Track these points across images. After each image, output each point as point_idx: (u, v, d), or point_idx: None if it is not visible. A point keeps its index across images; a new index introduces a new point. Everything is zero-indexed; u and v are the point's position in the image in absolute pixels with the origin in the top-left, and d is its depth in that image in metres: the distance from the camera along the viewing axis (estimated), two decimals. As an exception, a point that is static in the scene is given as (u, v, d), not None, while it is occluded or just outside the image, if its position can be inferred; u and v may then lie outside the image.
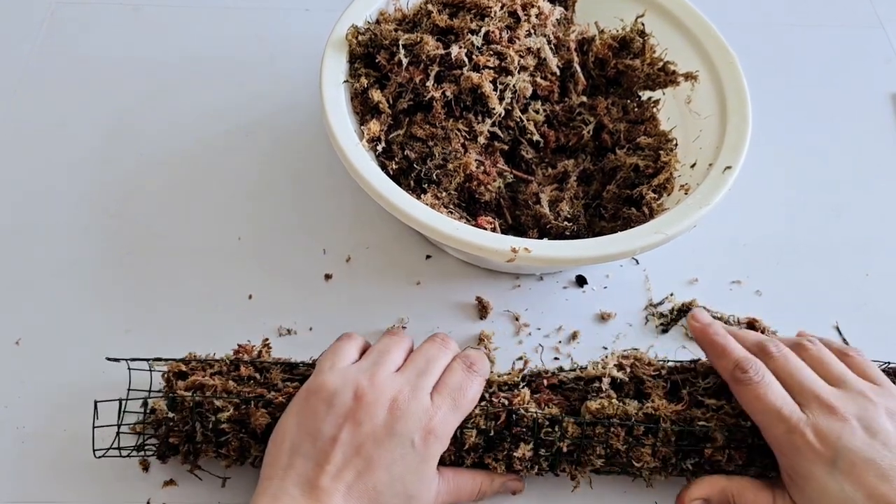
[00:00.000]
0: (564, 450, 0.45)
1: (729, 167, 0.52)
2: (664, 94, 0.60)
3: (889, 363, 0.50)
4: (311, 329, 0.54)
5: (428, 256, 0.58)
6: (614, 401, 0.46)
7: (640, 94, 0.60)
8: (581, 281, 0.58)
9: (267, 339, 0.50)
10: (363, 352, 0.47)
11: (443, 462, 0.44)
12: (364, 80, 0.54)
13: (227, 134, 0.64)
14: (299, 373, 0.48)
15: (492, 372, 0.48)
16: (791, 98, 0.70)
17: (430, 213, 0.49)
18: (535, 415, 0.45)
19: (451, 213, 0.53)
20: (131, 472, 0.48)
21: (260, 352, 0.49)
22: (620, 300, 0.57)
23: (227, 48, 0.70)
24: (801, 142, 0.67)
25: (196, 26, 0.71)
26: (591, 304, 0.57)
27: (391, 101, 0.55)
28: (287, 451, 0.42)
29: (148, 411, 0.47)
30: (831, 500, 0.41)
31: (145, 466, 0.47)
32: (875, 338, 0.55)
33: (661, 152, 0.56)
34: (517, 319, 0.56)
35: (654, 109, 0.59)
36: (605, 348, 0.54)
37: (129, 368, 0.48)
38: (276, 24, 0.72)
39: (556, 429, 0.45)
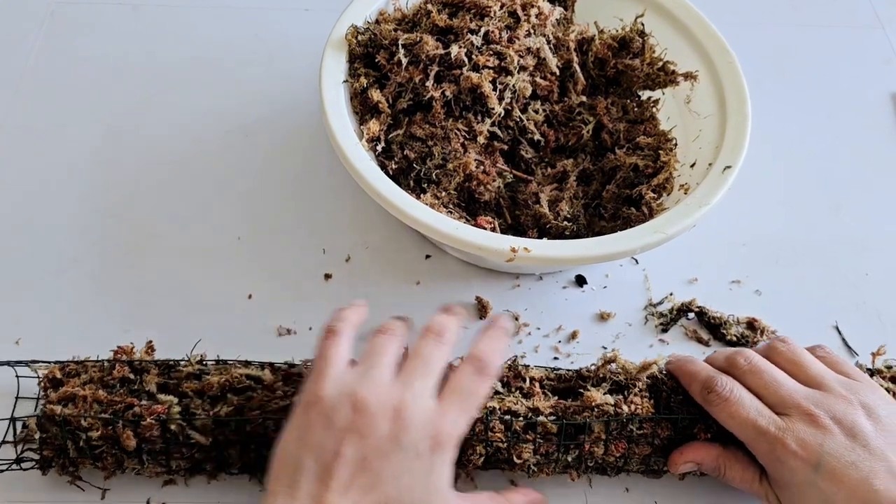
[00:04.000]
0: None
1: (728, 167, 0.52)
2: (664, 93, 0.60)
3: None
4: (310, 329, 0.54)
5: (428, 256, 0.58)
6: (506, 399, 0.46)
7: (640, 93, 0.60)
8: (581, 281, 0.58)
9: (151, 342, 0.49)
10: (348, 345, 0.44)
11: None
12: (364, 80, 0.54)
13: (227, 134, 0.64)
14: (175, 375, 0.47)
15: None
16: (791, 98, 0.70)
17: (430, 213, 0.49)
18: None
19: (451, 212, 0.53)
20: (131, 472, 0.48)
21: (140, 357, 0.48)
22: (620, 300, 0.57)
23: (227, 48, 0.70)
24: (801, 141, 0.67)
25: (196, 26, 0.71)
26: (591, 303, 0.57)
27: (391, 101, 0.55)
28: (290, 469, 0.40)
29: (21, 426, 0.46)
30: (814, 502, 0.41)
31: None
32: (875, 338, 0.55)
33: (661, 152, 0.56)
34: (517, 319, 0.56)
35: (654, 109, 0.59)
36: (605, 348, 0.54)
37: (16, 376, 0.48)
38: (275, 24, 0.72)
39: None
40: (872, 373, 0.49)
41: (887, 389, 0.47)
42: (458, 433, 0.41)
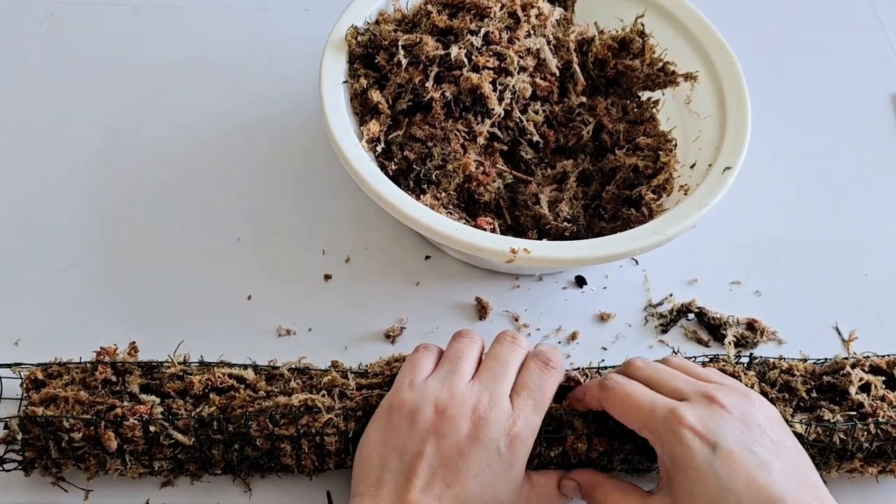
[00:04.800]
0: None
1: (728, 168, 0.52)
2: (664, 94, 0.60)
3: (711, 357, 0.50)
4: (310, 329, 0.54)
5: (427, 257, 0.58)
6: None
7: (640, 94, 0.60)
8: (580, 281, 0.58)
9: (134, 343, 0.49)
10: (439, 358, 0.47)
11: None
12: (363, 81, 0.54)
13: (227, 134, 0.64)
14: (158, 375, 0.47)
15: None
16: (791, 98, 0.70)
17: (430, 214, 0.49)
18: None
19: (451, 213, 0.53)
20: (114, 473, 0.48)
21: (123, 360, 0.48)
22: (620, 300, 0.57)
23: (227, 48, 0.70)
24: (801, 142, 0.67)
25: (196, 27, 0.71)
26: (591, 304, 0.57)
27: (390, 102, 0.55)
28: (376, 468, 0.42)
29: (3, 427, 0.46)
30: (710, 488, 0.39)
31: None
32: (874, 338, 0.55)
33: (661, 153, 0.56)
34: (516, 320, 0.56)
35: (654, 110, 0.59)
36: (605, 349, 0.54)
37: None
38: (275, 24, 0.72)
39: None
40: (854, 364, 0.49)
41: (866, 381, 0.47)
42: (533, 428, 0.43)
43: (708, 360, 0.50)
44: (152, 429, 0.44)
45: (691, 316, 0.56)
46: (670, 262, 0.58)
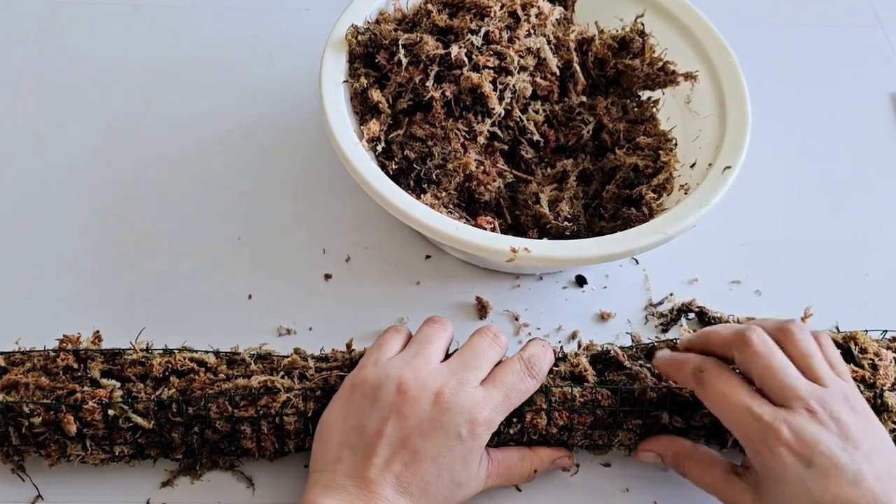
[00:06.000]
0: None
1: (728, 167, 0.52)
2: (664, 93, 0.60)
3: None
4: (310, 329, 0.54)
5: (428, 256, 0.58)
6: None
7: (640, 93, 0.60)
8: (581, 281, 0.58)
9: (98, 332, 0.49)
10: (407, 341, 0.47)
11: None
12: (364, 80, 0.54)
13: (227, 134, 0.64)
14: (120, 361, 0.47)
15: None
16: (790, 98, 0.70)
17: (430, 213, 0.49)
18: None
19: (451, 213, 0.53)
20: (130, 471, 0.48)
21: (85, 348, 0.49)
22: (620, 300, 0.57)
23: (227, 48, 0.70)
24: (801, 142, 0.67)
25: (196, 26, 0.71)
26: (591, 303, 0.57)
27: (391, 101, 0.55)
28: (335, 445, 0.42)
29: None
30: (800, 500, 0.40)
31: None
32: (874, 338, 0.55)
33: (661, 152, 0.56)
34: (517, 319, 0.56)
35: (654, 109, 0.59)
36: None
37: None
38: (275, 24, 0.72)
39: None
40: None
41: None
42: (496, 421, 0.43)
43: None
44: (111, 412, 0.44)
45: (691, 315, 0.56)
46: (670, 262, 0.58)
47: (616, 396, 0.46)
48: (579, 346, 0.50)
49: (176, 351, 0.48)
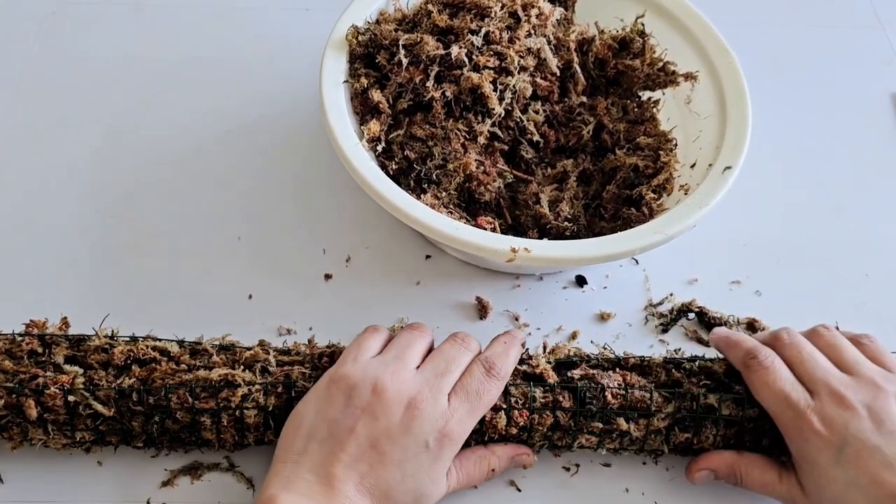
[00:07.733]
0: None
1: (729, 167, 0.52)
2: (664, 94, 0.60)
3: None
4: (310, 329, 0.54)
5: (428, 256, 0.58)
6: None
7: (640, 94, 0.60)
8: (581, 281, 0.58)
9: (65, 318, 0.50)
10: (386, 343, 0.47)
11: None
12: (364, 81, 0.54)
13: (227, 134, 0.64)
14: (84, 347, 0.47)
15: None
16: (791, 98, 0.70)
17: (430, 213, 0.49)
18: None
19: (451, 213, 0.53)
20: (130, 471, 0.48)
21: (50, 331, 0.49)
22: (620, 300, 0.57)
23: (228, 48, 0.70)
24: (801, 142, 0.67)
25: (196, 26, 0.71)
26: (591, 304, 0.57)
27: (391, 102, 0.55)
28: (303, 437, 0.43)
29: None
30: (836, 484, 0.41)
31: None
32: (875, 338, 0.56)
33: (661, 152, 0.56)
34: (517, 319, 0.56)
35: (654, 109, 0.59)
36: (606, 348, 0.54)
37: None
38: (275, 24, 0.72)
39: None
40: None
41: None
42: (466, 430, 0.44)
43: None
44: (72, 398, 0.44)
45: (692, 315, 0.56)
46: (670, 262, 0.58)
47: (576, 398, 0.46)
48: (544, 350, 0.50)
49: (140, 339, 0.48)
